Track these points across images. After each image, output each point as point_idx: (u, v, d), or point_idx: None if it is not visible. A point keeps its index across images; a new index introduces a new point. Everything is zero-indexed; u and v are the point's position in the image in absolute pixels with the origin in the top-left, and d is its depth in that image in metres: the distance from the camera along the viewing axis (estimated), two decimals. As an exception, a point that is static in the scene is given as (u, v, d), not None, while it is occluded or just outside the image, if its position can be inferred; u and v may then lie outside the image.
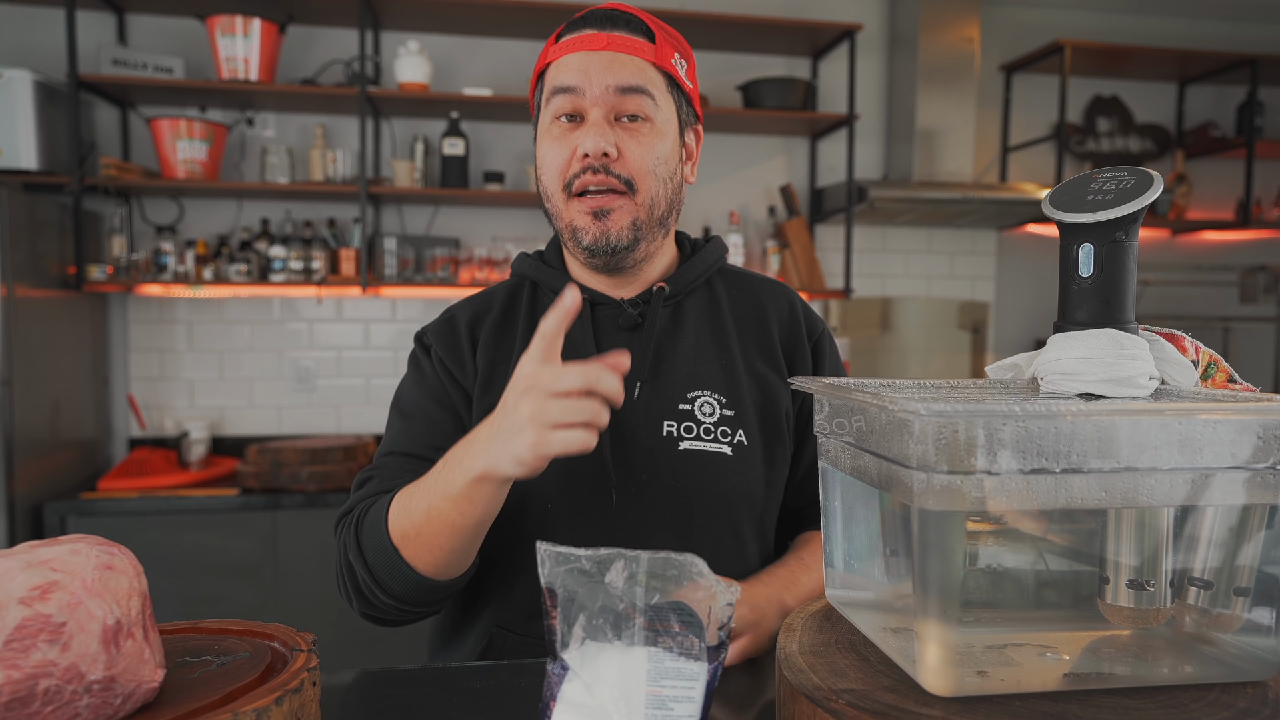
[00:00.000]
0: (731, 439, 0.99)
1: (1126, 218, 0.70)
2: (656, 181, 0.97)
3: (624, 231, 0.96)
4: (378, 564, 0.86)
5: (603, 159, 0.94)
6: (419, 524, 0.83)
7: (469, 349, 1.02)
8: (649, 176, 0.96)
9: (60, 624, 0.52)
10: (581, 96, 0.94)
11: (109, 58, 2.81)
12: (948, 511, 0.57)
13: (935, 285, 3.64)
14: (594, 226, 0.96)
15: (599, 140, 0.93)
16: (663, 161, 0.97)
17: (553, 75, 0.97)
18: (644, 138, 0.96)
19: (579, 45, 0.96)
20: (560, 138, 0.96)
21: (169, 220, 3.09)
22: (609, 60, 0.94)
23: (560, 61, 0.96)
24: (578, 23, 0.98)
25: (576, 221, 0.97)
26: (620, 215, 0.96)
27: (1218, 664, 0.64)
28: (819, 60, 3.38)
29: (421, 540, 0.83)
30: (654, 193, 0.97)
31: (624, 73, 0.94)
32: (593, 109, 0.94)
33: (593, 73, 0.94)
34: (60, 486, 2.71)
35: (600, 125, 0.94)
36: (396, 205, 3.22)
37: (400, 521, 0.84)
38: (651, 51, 0.97)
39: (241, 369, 3.17)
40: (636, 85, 0.95)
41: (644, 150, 0.95)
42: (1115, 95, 3.73)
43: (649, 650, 0.54)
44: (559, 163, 0.96)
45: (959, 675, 0.59)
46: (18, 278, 2.52)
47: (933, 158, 3.32)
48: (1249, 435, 0.59)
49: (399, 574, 0.85)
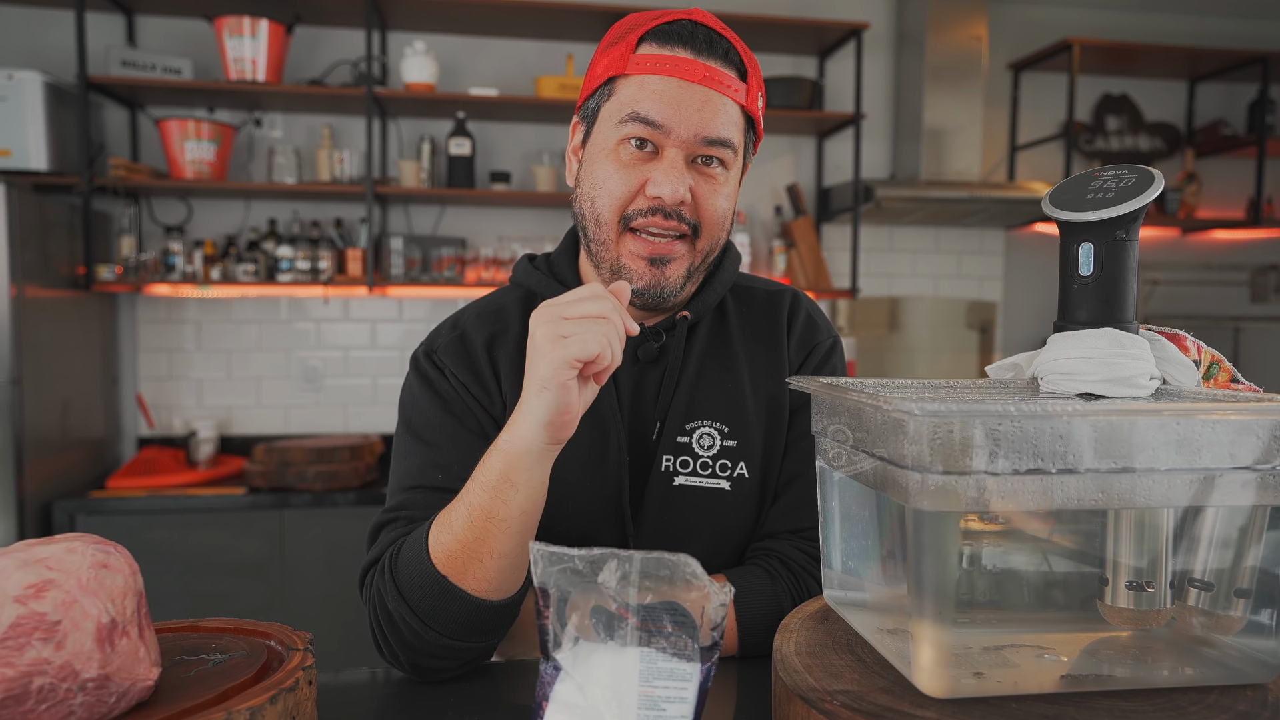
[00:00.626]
0: (731, 473, 0.93)
1: (1126, 216, 0.69)
2: (721, 229, 0.91)
3: (678, 281, 0.90)
4: (424, 601, 0.78)
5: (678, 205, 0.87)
6: (463, 536, 0.76)
7: (491, 376, 0.94)
8: (716, 225, 0.90)
9: (55, 622, 0.52)
10: (666, 135, 0.85)
11: (118, 59, 2.83)
12: (942, 512, 0.56)
13: (942, 285, 3.62)
14: (649, 273, 0.88)
15: (678, 187, 0.85)
16: (729, 211, 0.92)
17: (632, 94, 0.86)
18: (719, 186, 0.89)
19: (669, 68, 0.85)
20: (629, 165, 0.87)
21: (177, 220, 3.10)
22: (703, 100, 0.85)
23: (644, 81, 0.85)
24: (668, 33, 0.86)
25: (627, 261, 0.89)
26: (679, 265, 0.89)
27: (1218, 667, 0.63)
28: (826, 59, 3.38)
29: (470, 554, 0.76)
30: (715, 241, 0.91)
31: (717, 121, 0.86)
32: (673, 148, 0.86)
33: (685, 111, 0.85)
34: (70, 485, 2.73)
35: (680, 170, 0.86)
36: (403, 205, 3.23)
37: (443, 542, 0.77)
38: (743, 93, 0.88)
39: (249, 369, 3.18)
40: (725, 138, 0.87)
41: (718, 198, 0.89)
42: (1125, 93, 3.71)
43: (641, 650, 0.54)
44: (622, 192, 0.87)
45: (954, 677, 0.59)
46: (28, 278, 2.53)
47: (940, 157, 3.30)
48: (1248, 436, 0.59)
49: (452, 603, 0.77)
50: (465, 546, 0.76)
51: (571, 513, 0.90)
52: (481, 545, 0.75)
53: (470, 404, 0.93)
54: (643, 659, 0.54)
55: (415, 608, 0.78)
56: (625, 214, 0.88)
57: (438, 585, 0.77)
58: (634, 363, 0.95)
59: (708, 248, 0.91)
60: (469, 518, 0.75)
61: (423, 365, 0.96)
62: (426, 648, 0.79)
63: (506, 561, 0.76)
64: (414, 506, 0.87)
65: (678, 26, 0.87)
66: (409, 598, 0.79)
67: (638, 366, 0.95)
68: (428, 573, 0.77)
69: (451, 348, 0.95)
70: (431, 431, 0.91)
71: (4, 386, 2.46)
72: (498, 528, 0.75)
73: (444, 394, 0.93)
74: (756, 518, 0.95)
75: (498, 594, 0.78)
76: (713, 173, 0.88)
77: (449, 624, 0.78)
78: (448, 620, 0.78)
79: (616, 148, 0.87)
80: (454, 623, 0.78)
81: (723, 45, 0.88)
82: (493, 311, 0.99)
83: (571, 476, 0.90)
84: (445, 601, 0.77)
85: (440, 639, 0.79)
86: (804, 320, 1.02)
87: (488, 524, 0.75)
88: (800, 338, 1.01)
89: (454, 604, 0.77)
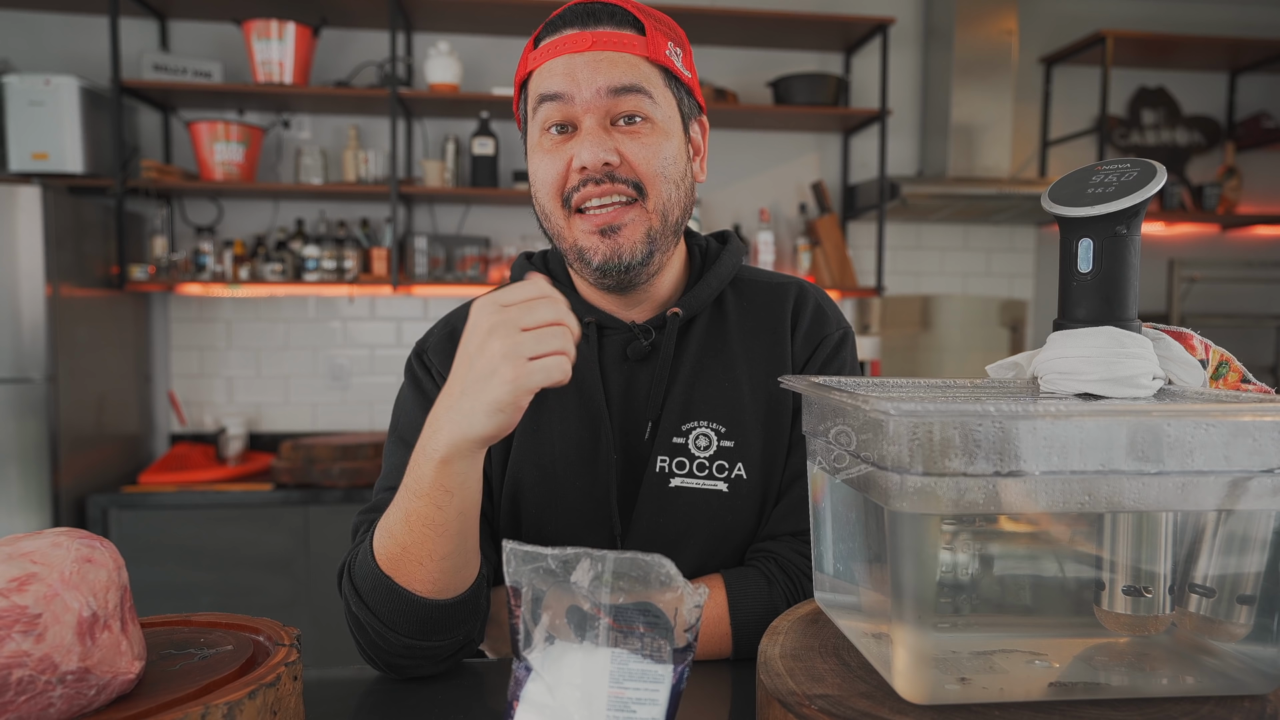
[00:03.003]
0: (729, 474, 0.91)
1: (1127, 211, 0.68)
2: (668, 184, 0.88)
3: (637, 246, 0.88)
4: (378, 603, 0.78)
5: (604, 168, 0.85)
6: (401, 539, 0.75)
7: None
8: (659, 179, 0.88)
9: (36, 615, 0.53)
10: (571, 103, 0.86)
11: (150, 63, 2.89)
12: (922, 514, 0.55)
13: (972, 283, 3.57)
14: (603, 245, 0.87)
15: (596, 149, 0.84)
16: (671, 162, 0.89)
17: (536, 83, 0.88)
18: (646, 138, 0.87)
19: (561, 48, 0.87)
20: (552, 150, 0.88)
21: (208, 221, 3.16)
22: (596, 60, 0.86)
23: (543, 68, 0.88)
24: (556, 23, 0.89)
25: (582, 241, 0.88)
26: (632, 229, 0.87)
27: (1215, 676, 0.61)
28: (852, 55, 3.34)
29: (409, 556, 0.75)
30: (666, 196, 0.89)
31: (614, 72, 0.86)
32: (585, 116, 0.86)
33: (580, 75, 0.85)
34: (103, 480, 2.80)
35: (596, 132, 0.85)
36: (428, 205, 3.26)
37: (384, 545, 0.77)
38: (642, 45, 0.87)
39: (278, 367, 3.24)
40: (630, 84, 0.86)
41: (649, 151, 0.87)
42: (1161, 86, 3.62)
43: (613, 651, 0.54)
44: (553, 177, 0.88)
45: (935, 682, 0.58)
46: (63, 277, 2.60)
47: (969, 153, 3.25)
48: (1244, 438, 0.57)
49: (400, 604, 0.77)
50: (405, 550, 0.75)
51: (561, 512, 0.90)
52: (421, 548, 0.75)
53: None
54: (614, 660, 0.54)
55: (374, 610, 0.78)
56: (564, 196, 0.88)
57: (385, 587, 0.77)
58: (623, 361, 0.94)
59: (661, 206, 0.89)
60: (405, 524, 0.75)
61: (413, 365, 0.96)
62: (391, 648, 0.79)
63: (448, 563, 0.76)
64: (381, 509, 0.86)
65: (565, 12, 0.89)
66: (367, 601, 0.79)
67: (628, 365, 0.94)
68: (376, 576, 0.77)
69: (440, 346, 0.95)
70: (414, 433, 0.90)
71: (40, 383, 2.53)
72: (435, 532, 0.74)
73: (429, 394, 0.93)
74: (757, 519, 0.93)
75: (444, 593, 0.77)
76: (634, 129, 0.87)
77: (404, 624, 0.78)
78: (402, 621, 0.77)
79: (540, 139, 0.89)
80: (408, 623, 0.77)
81: (609, 10, 0.88)
82: None
83: (560, 476, 0.90)
84: (395, 603, 0.77)
85: (401, 639, 0.78)
86: (812, 312, 0.98)
87: (425, 529, 0.74)
88: (808, 331, 0.97)
89: (403, 605, 0.77)
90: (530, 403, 0.91)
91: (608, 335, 0.95)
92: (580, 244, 0.89)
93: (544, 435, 0.92)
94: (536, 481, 0.90)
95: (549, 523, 0.90)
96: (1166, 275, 3.51)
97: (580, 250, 0.89)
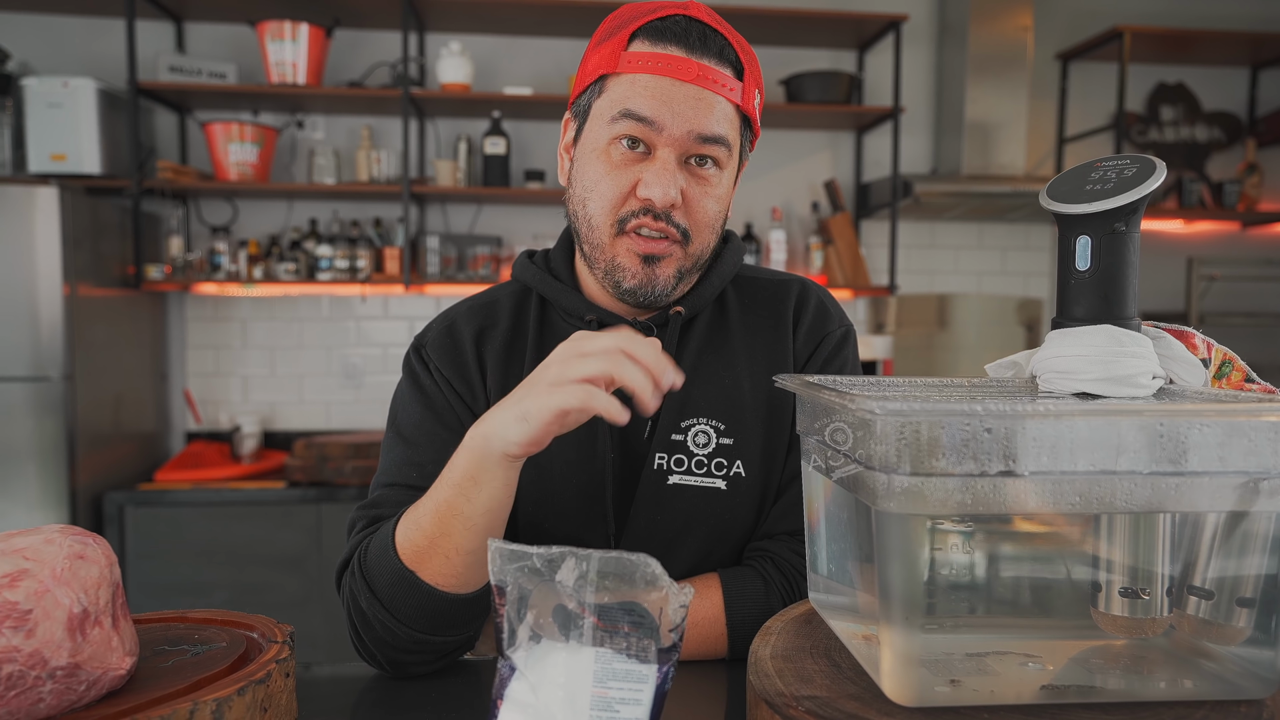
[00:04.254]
0: (727, 472, 0.91)
1: (1125, 208, 0.67)
2: (711, 234, 0.90)
3: (669, 281, 0.89)
4: (393, 596, 0.78)
5: (669, 207, 0.85)
6: (429, 530, 0.75)
7: (476, 370, 0.93)
8: (706, 230, 0.89)
9: (26, 611, 0.53)
10: (658, 132, 0.84)
11: (166, 65, 2.91)
12: (910, 514, 0.55)
13: (986, 282, 3.54)
14: (641, 271, 0.87)
15: (669, 189, 0.83)
16: (719, 214, 0.90)
17: (623, 92, 0.84)
18: (710, 188, 0.87)
19: (662, 68, 0.83)
20: (621, 165, 0.85)
21: (223, 221, 3.19)
22: (696, 99, 0.83)
23: (637, 80, 0.84)
24: (659, 30, 0.84)
25: (622, 259, 0.88)
26: (668, 265, 0.88)
27: (1211, 680, 0.60)
28: (865, 53, 3.32)
29: (434, 548, 0.75)
30: (706, 244, 0.90)
31: (710, 119, 0.84)
32: (666, 148, 0.84)
33: (677, 109, 0.83)
34: (120, 478, 2.83)
35: (672, 170, 0.84)
36: (441, 204, 3.27)
37: (410, 536, 0.77)
38: (738, 91, 0.86)
39: (292, 366, 3.26)
40: (719, 136, 0.85)
41: (707, 201, 0.87)
42: (1180, 82, 3.57)
43: (597, 651, 0.54)
44: (615, 194, 0.86)
45: (924, 684, 0.57)
46: (81, 277, 2.63)
47: (983, 151, 3.23)
48: (1239, 439, 0.56)
49: (418, 596, 0.77)
50: (431, 541, 0.76)
51: (559, 510, 0.90)
52: (446, 540, 0.75)
53: (451, 399, 0.92)
54: (598, 659, 0.54)
55: (387, 604, 0.78)
56: (618, 216, 0.87)
57: (404, 579, 0.77)
58: None
59: (699, 252, 0.90)
60: (435, 512, 0.75)
61: (411, 360, 0.96)
62: (400, 643, 0.80)
63: (472, 558, 0.76)
64: (385, 504, 0.87)
65: (671, 23, 0.85)
66: (380, 594, 0.79)
67: None
68: (394, 567, 0.77)
69: (439, 341, 0.95)
70: (412, 429, 0.91)
71: (57, 382, 2.56)
72: (461, 524, 0.74)
73: (427, 390, 0.93)
74: (756, 518, 0.93)
75: (463, 588, 0.78)
76: (706, 174, 0.87)
77: (418, 618, 0.78)
78: (416, 614, 0.78)
79: (608, 147, 0.86)
80: (423, 616, 0.78)
81: (717, 43, 0.85)
82: (485, 305, 0.98)
83: (558, 473, 0.90)
84: (411, 595, 0.77)
85: (413, 633, 0.79)
86: (814, 310, 0.98)
87: (452, 519, 0.74)
88: (810, 328, 0.97)
89: (420, 597, 0.77)
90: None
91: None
92: (619, 261, 0.88)
93: None
94: (533, 479, 0.90)
95: (546, 520, 0.90)
96: (1185, 274, 3.46)
97: (616, 266, 0.88)
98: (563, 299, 0.95)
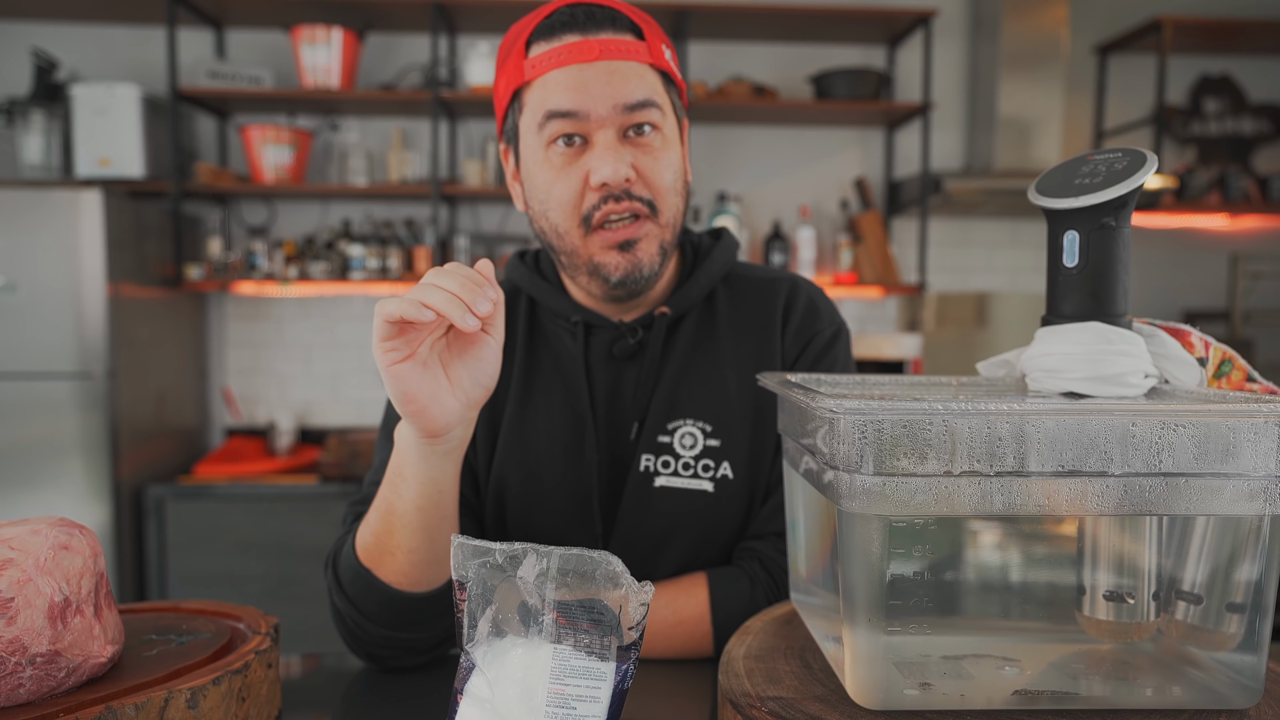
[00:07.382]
0: (714, 473, 0.90)
1: (1114, 202, 0.65)
2: (675, 196, 0.89)
3: (653, 259, 0.88)
4: (357, 593, 0.79)
5: (624, 185, 0.84)
6: (376, 529, 0.77)
7: None
8: (669, 193, 0.87)
9: (8, 599, 0.55)
10: (586, 119, 0.83)
11: (206, 71, 2.99)
12: (872, 515, 0.54)
13: (1020, 279, 3.47)
14: (623, 260, 0.86)
15: (618, 166, 0.82)
16: (676, 173, 0.88)
17: (539, 98, 0.84)
18: (658, 151, 0.86)
19: (565, 58, 0.83)
20: (565, 166, 0.85)
21: (260, 222, 3.26)
22: (609, 73, 0.83)
23: (547, 80, 0.83)
24: (550, 27, 0.84)
25: (600, 257, 0.87)
26: (648, 243, 0.87)
27: (1193, 688, 0.58)
28: (895, 48, 3.28)
29: (381, 546, 0.77)
30: (674, 209, 0.89)
31: (629, 87, 0.83)
32: (600, 131, 0.83)
33: (595, 90, 0.82)
34: (162, 471, 2.91)
35: (615, 148, 0.83)
36: (470, 204, 3.30)
37: (363, 536, 0.79)
38: (645, 51, 0.85)
39: (327, 364, 3.32)
40: (645, 99, 0.84)
41: (660, 165, 0.86)
42: (1225, 74, 3.46)
43: (555, 647, 0.54)
44: (570, 194, 0.85)
45: (889, 686, 0.56)
46: (124, 277, 2.71)
47: (1017, 146, 3.16)
48: (1218, 439, 0.54)
49: (377, 595, 0.78)
50: (378, 539, 0.77)
51: (546, 512, 0.91)
52: (389, 538, 0.76)
53: None
54: (555, 656, 0.54)
55: (354, 601, 0.80)
56: (582, 215, 0.86)
57: (362, 578, 0.79)
58: (610, 360, 0.94)
59: (671, 220, 0.89)
60: (377, 510, 0.77)
61: None
62: (371, 639, 0.81)
63: (416, 556, 0.76)
64: (368, 502, 0.87)
65: (557, 16, 0.85)
66: (347, 591, 0.81)
67: (614, 364, 0.94)
68: (354, 566, 0.79)
69: None
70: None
71: (101, 379, 2.64)
72: (398, 521, 0.75)
73: None
74: (744, 519, 0.92)
75: (416, 586, 0.78)
76: (648, 141, 0.86)
77: (382, 615, 0.79)
78: (380, 611, 0.79)
79: (547, 153, 0.85)
80: (386, 614, 0.79)
81: (608, 14, 0.85)
82: None
83: (544, 475, 0.91)
84: (371, 593, 0.78)
85: (381, 630, 0.80)
86: (804, 308, 0.96)
87: (390, 517, 0.76)
88: (798, 327, 0.96)
89: (379, 595, 0.78)
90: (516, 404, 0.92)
91: (595, 334, 0.94)
92: (598, 259, 0.87)
93: (529, 435, 0.92)
94: (520, 481, 0.90)
95: (534, 522, 0.90)
96: (1228, 271, 3.35)
97: (597, 266, 0.87)
98: (550, 300, 0.95)
